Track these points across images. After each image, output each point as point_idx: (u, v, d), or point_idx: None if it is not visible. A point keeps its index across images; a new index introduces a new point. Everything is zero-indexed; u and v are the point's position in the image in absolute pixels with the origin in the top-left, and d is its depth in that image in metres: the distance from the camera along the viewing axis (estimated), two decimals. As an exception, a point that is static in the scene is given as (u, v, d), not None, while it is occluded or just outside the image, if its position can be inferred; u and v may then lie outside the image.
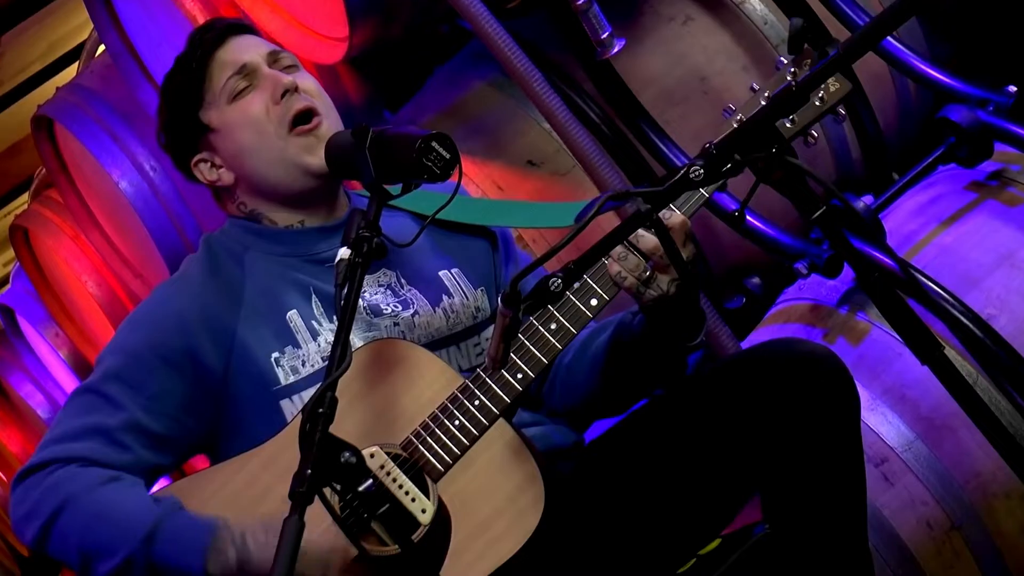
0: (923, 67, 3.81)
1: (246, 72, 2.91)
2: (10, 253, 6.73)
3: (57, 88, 4.99)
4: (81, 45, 6.53)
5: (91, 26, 5.44)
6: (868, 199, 3.61)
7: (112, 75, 4.69)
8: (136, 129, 4.66)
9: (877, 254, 3.36)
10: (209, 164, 2.95)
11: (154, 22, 4.27)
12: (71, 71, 6.67)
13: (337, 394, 2.38)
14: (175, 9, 4.08)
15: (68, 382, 6.29)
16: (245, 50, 2.94)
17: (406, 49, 4.28)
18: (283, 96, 2.88)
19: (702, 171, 2.45)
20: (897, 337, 3.35)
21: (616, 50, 3.54)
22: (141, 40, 4.42)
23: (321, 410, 2.36)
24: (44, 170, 5.47)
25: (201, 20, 4.01)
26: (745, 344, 3.54)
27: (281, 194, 2.90)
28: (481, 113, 4.00)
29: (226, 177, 2.94)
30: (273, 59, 2.94)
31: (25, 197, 7.04)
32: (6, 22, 6.28)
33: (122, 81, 4.53)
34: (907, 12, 2.40)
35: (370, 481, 2.52)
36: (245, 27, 3.02)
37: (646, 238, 2.61)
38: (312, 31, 3.88)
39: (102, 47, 5.05)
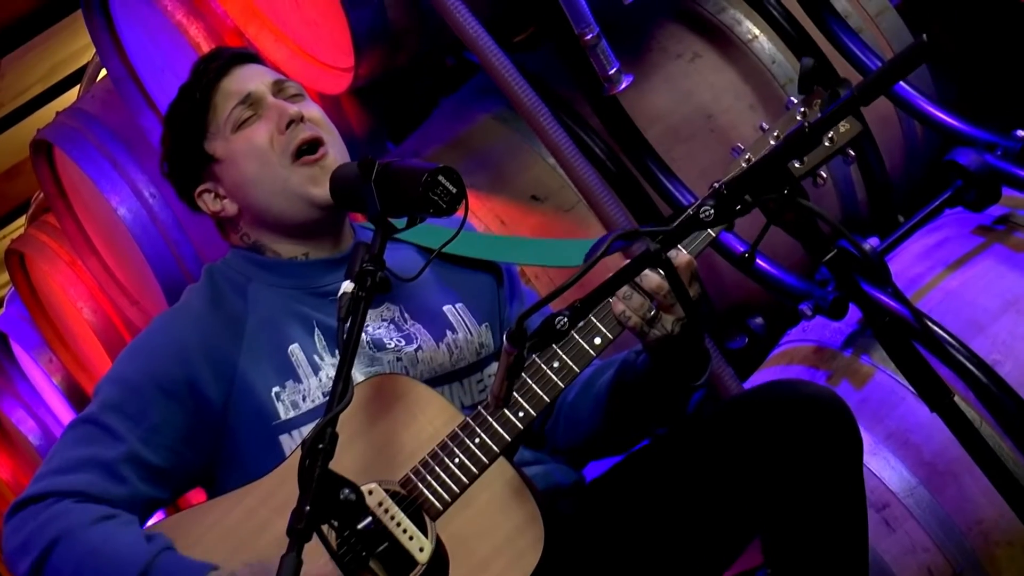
0: (931, 110, 3.80)
1: (251, 101, 2.88)
2: (5, 276, 6.68)
3: (57, 112, 4.97)
4: (82, 68, 6.52)
5: (93, 50, 5.42)
6: (874, 241, 3.59)
7: (113, 100, 4.67)
8: (136, 155, 4.64)
9: (885, 298, 3.34)
10: (213, 194, 2.92)
11: (157, 48, 4.26)
12: (72, 94, 6.66)
13: (337, 429, 2.36)
14: (178, 35, 4.06)
15: (61, 409, 6.25)
16: (250, 79, 2.92)
17: (411, 80, 4.26)
18: (288, 126, 2.85)
19: (712, 211, 2.43)
20: (901, 381, 3.34)
21: (624, 86, 3.52)
22: (143, 66, 4.40)
23: (321, 445, 2.34)
24: (41, 194, 5.45)
25: (205, 47, 3.99)
26: (748, 385, 3.52)
27: (285, 225, 2.88)
28: (485, 147, 3.99)
29: (230, 208, 2.91)
30: (278, 88, 2.92)
31: (22, 220, 7.02)
32: (7, 45, 6.26)
33: (123, 107, 4.51)
34: (921, 57, 2.38)
35: (369, 519, 2.52)
36: (250, 56, 3.00)
37: (650, 277, 2.59)
38: (317, 61, 3.86)
39: (103, 71, 5.03)
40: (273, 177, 2.84)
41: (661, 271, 2.54)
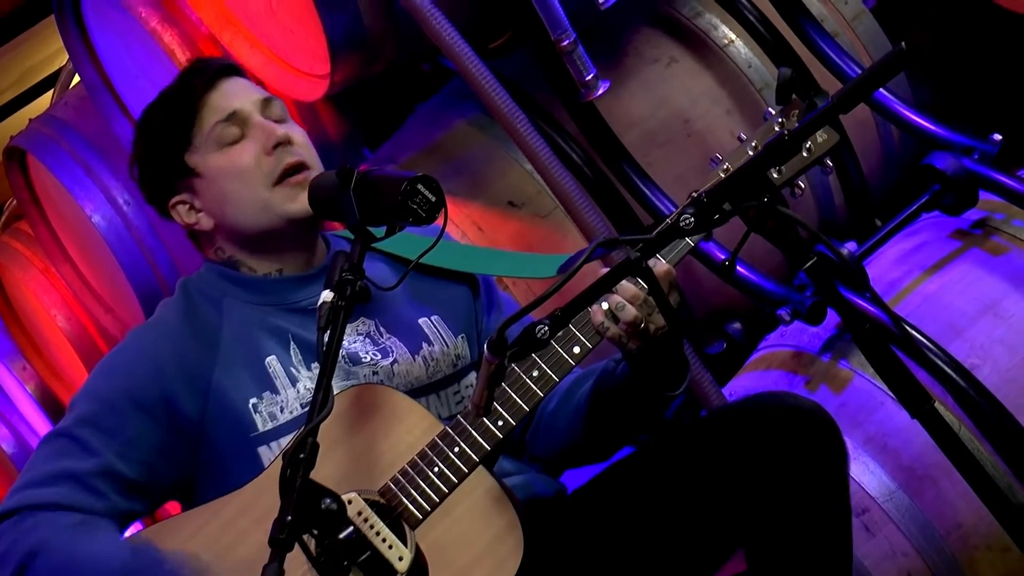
0: (908, 114, 3.80)
1: (237, 120, 2.85)
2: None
3: (30, 119, 4.94)
4: (54, 74, 6.47)
5: (64, 55, 5.39)
6: (851, 245, 3.59)
7: (87, 107, 4.64)
8: (110, 163, 4.61)
9: (865, 304, 3.33)
10: (188, 207, 2.89)
11: (131, 56, 4.23)
12: (43, 100, 6.62)
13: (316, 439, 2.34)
14: (153, 43, 4.03)
15: (35, 417, 6.19)
16: (236, 96, 2.89)
17: (386, 86, 4.25)
18: (275, 148, 2.83)
19: (692, 220, 2.43)
20: (879, 386, 3.34)
21: (600, 92, 3.52)
22: (117, 73, 4.38)
23: (302, 455, 2.33)
24: (14, 201, 5.41)
25: (179, 55, 3.97)
26: (727, 390, 3.52)
27: (261, 241, 2.86)
28: (462, 152, 3.98)
29: (205, 222, 2.88)
30: (265, 106, 2.89)
31: (-5, 225, 6.96)
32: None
33: (97, 114, 4.48)
34: (900, 65, 2.38)
35: (351, 529, 2.51)
36: (236, 69, 2.96)
37: (625, 287, 2.58)
38: (293, 67, 3.84)
39: (77, 78, 5.00)
40: (254, 198, 2.82)
41: (640, 280, 2.54)
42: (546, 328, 2.32)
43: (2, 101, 6.92)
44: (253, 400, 2.76)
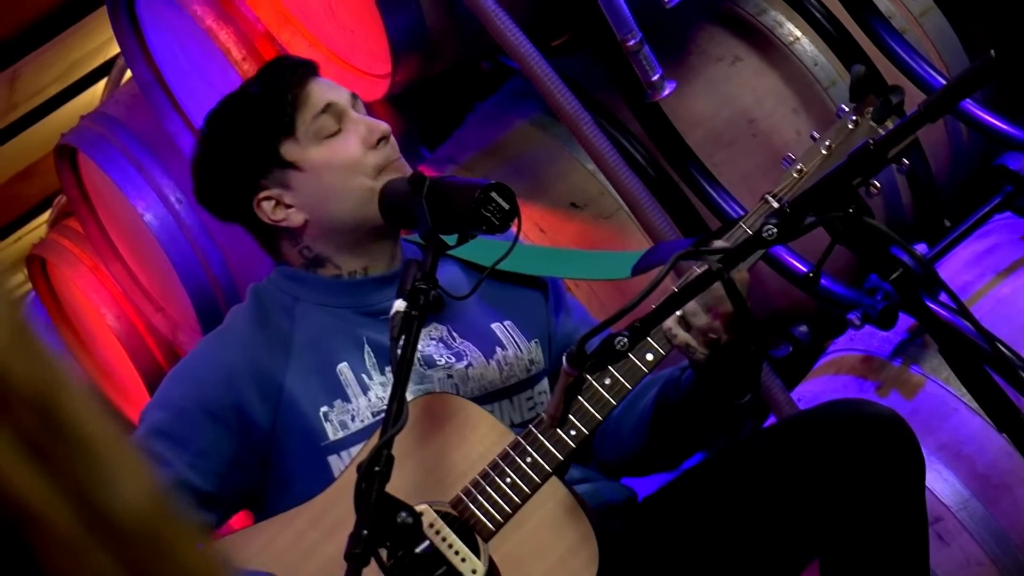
0: (980, 114, 3.74)
1: (333, 112, 2.79)
2: (19, 276, 6.61)
3: (81, 116, 4.90)
4: (99, 68, 6.44)
5: (112, 47, 5.36)
6: (922, 247, 3.54)
7: (139, 105, 4.59)
8: (163, 161, 4.56)
9: (943, 312, 3.27)
10: (274, 203, 2.80)
11: (185, 53, 4.19)
12: (89, 94, 6.59)
13: (390, 451, 2.32)
14: (208, 41, 3.99)
15: (84, 414, 6.18)
16: (329, 89, 2.84)
17: (445, 85, 4.20)
18: (378, 143, 2.78)
19: (776, 231, 2.37)
20: (952, 391, 3.29)
21: (667, 92, 3.46)
22: (171, 71, 4.33)
23: (377, 468, 2.31)
24: (64, 199, 5.38)
25: (236, 53, 3.92)
26: (795, 395, 3.46)
27: (355, 236, 2.80)
28: (523, 153, 3.93)
29: (295, 218, 2.79)
30: (354, 103, 2.85)
31: (38, 220, 6.94)
32: (29, 44, 6.19)
33: (149, 111, 4.44)
34: (989, 74, 2.33)
35: (427, 543, 2.48)
36: (317, 68, 2.92)
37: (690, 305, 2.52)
38: (352, 67, 3.79)
39: (128, 74, 4.97)
40: (360, 189, 2.75)
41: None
42: (625, 340, 2.29)
43: (47, 96, 6.89)
44: (324, 408, 2.71)
